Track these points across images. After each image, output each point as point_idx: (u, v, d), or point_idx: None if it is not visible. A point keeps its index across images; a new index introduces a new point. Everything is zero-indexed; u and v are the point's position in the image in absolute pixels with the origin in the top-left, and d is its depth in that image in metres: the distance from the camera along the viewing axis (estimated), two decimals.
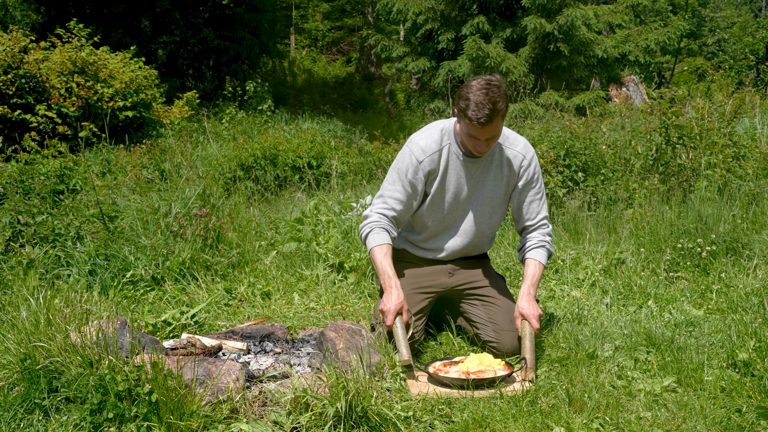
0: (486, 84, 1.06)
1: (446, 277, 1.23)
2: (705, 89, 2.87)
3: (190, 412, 0.91)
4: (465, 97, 1.07)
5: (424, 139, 1.17)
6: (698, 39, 9.87)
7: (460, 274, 1.24)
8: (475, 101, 1.05)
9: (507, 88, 1.10)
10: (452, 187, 1.18)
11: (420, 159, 1.15)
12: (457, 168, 1.17)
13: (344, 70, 9.93)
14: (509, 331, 1.19)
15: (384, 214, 1.18)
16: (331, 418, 0.90)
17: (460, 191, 1.19)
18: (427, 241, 1.23)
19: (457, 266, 1.24)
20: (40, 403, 0.96)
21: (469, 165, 1.18)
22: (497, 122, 1.08)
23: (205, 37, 6.21)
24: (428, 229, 1.21)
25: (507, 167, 1.19)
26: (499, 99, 1.06)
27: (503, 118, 1.10)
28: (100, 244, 1.70)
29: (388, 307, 1.11)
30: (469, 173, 1.18)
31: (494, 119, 1.07)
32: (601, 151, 2.39)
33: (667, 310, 1.44)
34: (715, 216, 1.77)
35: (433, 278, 1.23)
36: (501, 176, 1.20)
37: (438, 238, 1.22)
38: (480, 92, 1.06)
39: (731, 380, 1.04)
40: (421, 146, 1.16)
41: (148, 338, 1.13)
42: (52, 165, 2.44)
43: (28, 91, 3.50)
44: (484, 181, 1.19)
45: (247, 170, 3.39)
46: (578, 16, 4.71)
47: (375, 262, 1.15)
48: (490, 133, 1.09)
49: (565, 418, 0.94)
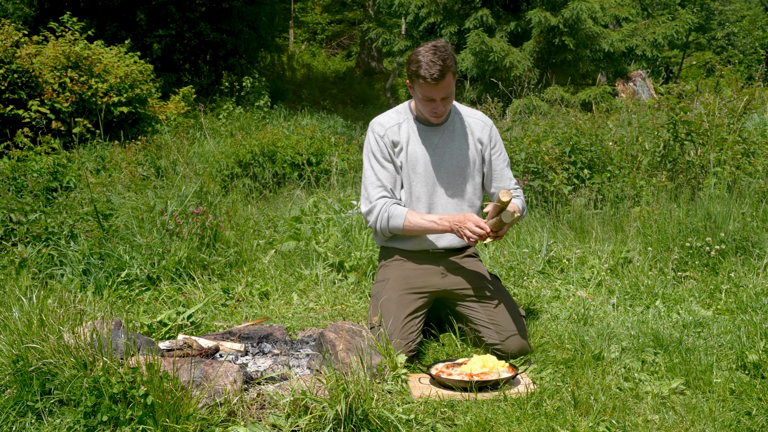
0: (432, 46, 1.13)
1: (439, 278, 1.22)
2: (714, 84, 2.84)
3: (187, 415, 0.90)
4: (415, 60, 1.13)
5: (382, 117, 1.24)
6: (707, 33, 9.70)
7: (453, 276, 1.23)
8: (426, 61, 1.11)
9: (453, 50, 1.15)
10: (419, 158, 1.20)
11: (381, 133, 1.20)
12: (419, 139, 1.21)
13: (344, 65, 9.86)
14: (512, 331, 1.18)
15: (383, 195, 1.20)
16: (331, 421, 0.89)
17: (428, 162, 1.20)
18: None
19: (450, 266, 1.23)
20: (32, 405, 0.95)
21: (431, 135, 1.21)
22: (449, 79, 1.13)
23: (201, 30, 6.15)
24: (414, 207, 1.22)
25: (471, 134, 1.23)
26: (448, 56, 1.12)
27: (454, 77, 1.14)
28: (94, 243, 1.68)
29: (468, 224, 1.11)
30: (432, 143, 1.20)
31: (446, 74, 1.12)
32: (607, 148, 2.37)
33: (675, 310, 1.43)
34: (724, 214, 1.75)
35: (425, 279, 1.22)
36: (467, 144, 1.22)
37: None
38: (428, 53, 1.12)
39: (741, 382, 1.03)
40: (380, 122, 1.22)
41: (143, 339, 1.11)
42: (45, 162, 2.43)
43: (20, 86, 3.45)
44: (450, 150, 1.21)
45: (245, 167, 3.35)
46: (584, 9, 4.67)
47: (420, 225, 1.17)
48: (445, 90, 1.13)
49: (570, 421, 0.93)
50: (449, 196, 1.20)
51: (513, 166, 2.24)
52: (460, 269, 1.23)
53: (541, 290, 1.59)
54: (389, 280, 1.22)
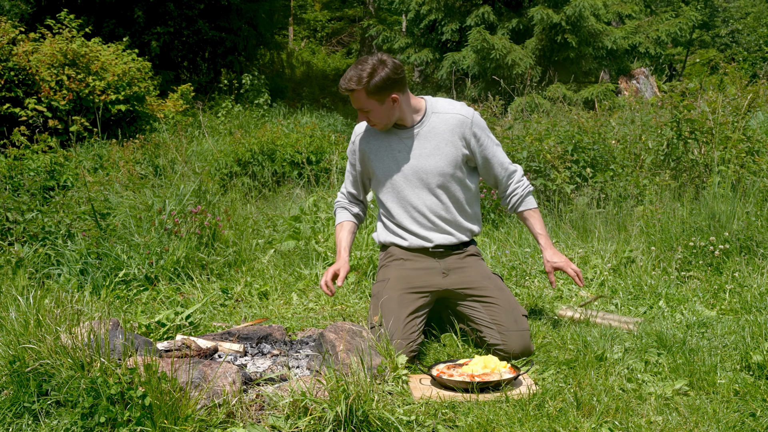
0: (363, 58, 1.13)
1: (440, 277, 1.22)
2: (718, 82, 2.81)
3: (185, 416, 0.89)
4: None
5: (359, 121, 1.26)
6: (711, 30, 9.62)
7: (455, 276, 1.22)
8: (347, 71, 1.12)
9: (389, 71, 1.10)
10: (391, 160, 1.21)
11: (353, 139, 1.27)
12: (388, 141, 1.22)
13: (344, 62, 9.86)
14: (515, 331, 1.16)
15: (342, 192, 1.32)
16: (331, 422, 0.88)
17: (401, 163, 1.21)
18: (402, 224, 1.24)
19: (451, 265, 1.23)
20: (29, 407, 0.94)
21: (403, 136, 1.20)
22: (359, 96, 1.11)
23: (199, 28, 6.13)
24: (394, 209, 1.24)
25: (449, 132, 1.19)
26: (364, 71, 1.09)
27: (373, 95, 1.11)
28: (91, 243, 1.68)
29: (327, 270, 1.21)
30: (404, 144, 1.20)
31: (355, 91, 1.11)
32: (610, 146, 2.35)
33: (678, 310, 1.42)
34: (728, 213, 1.73)
35: (425, 278, 1.22)
36: (445, 142, 1.19)
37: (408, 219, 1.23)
38: (356, 63, 1.12)
39: (745, 383, 1.02)
40: (355, 128, 1.27)
41: (141, 340, 1.10)
42: (42, 160, 2.42)
43: (17, 84, 3.44)
44: (425, 151, 1.20)
45: (244, 166, 3.35)
46: (586, 6, 4.63)
47: (336, 236, 1.28)
48: (357, 104, 1.14)
49: (572, 423, 0.92)
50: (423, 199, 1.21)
51: None
52: (461, 268, 1.22)
53: (543, 290, 1.57)
54: (390, 280, 1.21)
